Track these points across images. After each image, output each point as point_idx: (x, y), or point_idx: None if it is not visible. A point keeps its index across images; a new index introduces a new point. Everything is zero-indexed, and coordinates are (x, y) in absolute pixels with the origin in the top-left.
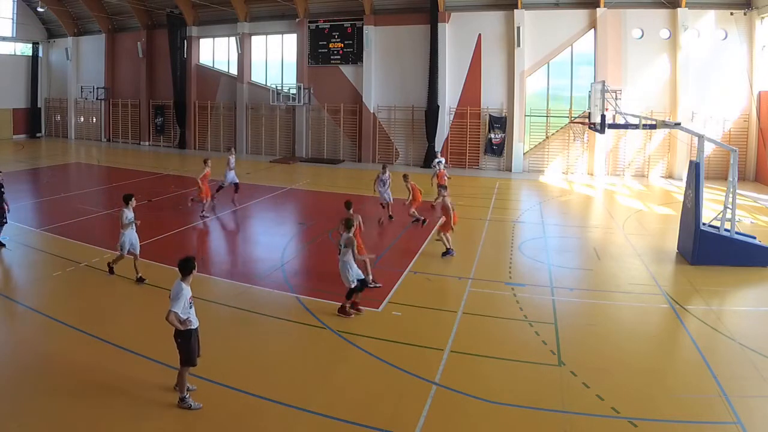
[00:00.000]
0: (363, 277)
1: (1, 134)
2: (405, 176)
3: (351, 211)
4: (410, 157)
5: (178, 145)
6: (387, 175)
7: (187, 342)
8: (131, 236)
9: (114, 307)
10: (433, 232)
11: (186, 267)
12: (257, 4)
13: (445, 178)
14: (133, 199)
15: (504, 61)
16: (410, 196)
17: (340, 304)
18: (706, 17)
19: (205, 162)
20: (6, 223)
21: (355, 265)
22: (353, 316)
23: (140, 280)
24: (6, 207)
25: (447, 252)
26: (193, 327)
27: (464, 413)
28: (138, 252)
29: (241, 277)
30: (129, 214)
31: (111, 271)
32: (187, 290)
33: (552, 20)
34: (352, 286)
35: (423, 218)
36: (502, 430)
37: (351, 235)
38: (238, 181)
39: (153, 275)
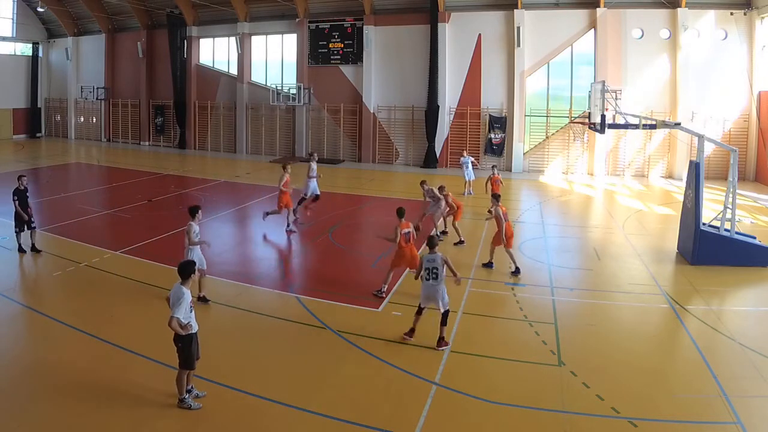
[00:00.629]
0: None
1: (1, 134)
2: (441, 188)
3: (403, 219)
4: (410, 157)
5: (178, 145)
6: (427, 188)
7: (187, 346)
8: (199, 252)
9: (114, 307)
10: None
11: (186, 271)
12: (257, 4)
13: (499, 183)
14: (200, 211)
15: (504, 61)
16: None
17: (438, 337)
18: (706, 17)
19: (284, 168)
20: (22, 231)
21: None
22: (408, 340)
23: (203, 299)
24: (29, 212)
25: (489, 264)
26: (193, 331)
27: (464, 413)
28: (205, 268)
29: (241, 277)
30: (197, 228)
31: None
32: (188, 294)
33: (552, 20)
34: (448, 307)
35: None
36: (502, 430)
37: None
38: (319, 192)
39: (153, 275)
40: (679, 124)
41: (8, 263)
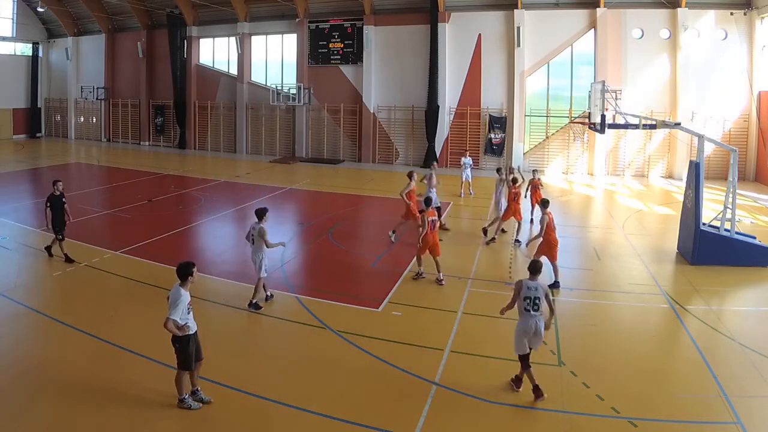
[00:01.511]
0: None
1: (1, 134)
2: (514, 179)
3: (430, 208)
4: (410, 157)
5: (178, 145)
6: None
7: (185, 347)
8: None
9: (114, 307)
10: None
11: (184, 272)
12: (257, 4)
13: (540, 188)
14: (267, 213)
15: (504, 61)
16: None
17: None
18: (706, 17)
19: (409, 176)
20: (62, 239)
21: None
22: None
23: (270, 297)
24: (68, 217)
25: (556, 283)
26: (191, 332)
27: (464, 413)
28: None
29: (241, 277)
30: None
31: (259, 304)
32: (185, 296)
33: (552, 20)
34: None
35: (494, 238)
36: (502, 430)
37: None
38: (440, 204)
39: (153, 275)
40: (679, 124)
41: (8, 263)
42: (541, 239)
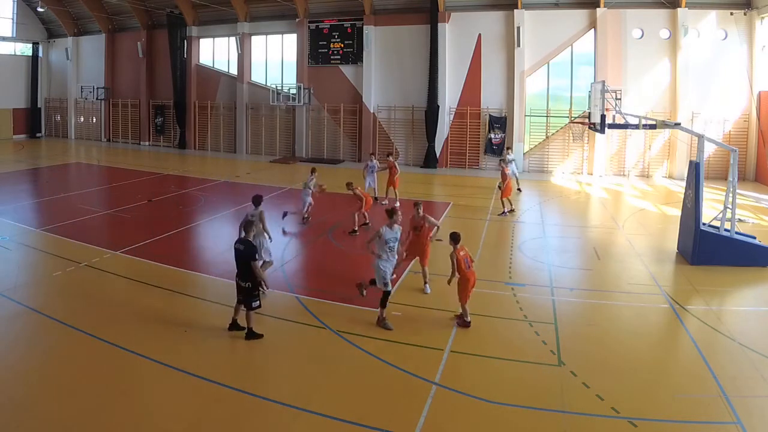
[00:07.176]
0: None
1: (1, 134)
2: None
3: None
4: (410, 157)
5: (178, 145)
6: None
7: None
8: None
9: (114, 307)
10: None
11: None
12: (257, 4)
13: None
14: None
15: (504, 61)
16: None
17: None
18: (706, 17)
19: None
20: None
21: None
22: None
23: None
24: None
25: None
26: None
27: (464, 413)
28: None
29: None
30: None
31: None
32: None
33: (552, 20)
34: None
35: None
36: (502, 430)
37: None
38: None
39: (153, 275)
40: (679, 124)
41: (8, 263)
42: None
